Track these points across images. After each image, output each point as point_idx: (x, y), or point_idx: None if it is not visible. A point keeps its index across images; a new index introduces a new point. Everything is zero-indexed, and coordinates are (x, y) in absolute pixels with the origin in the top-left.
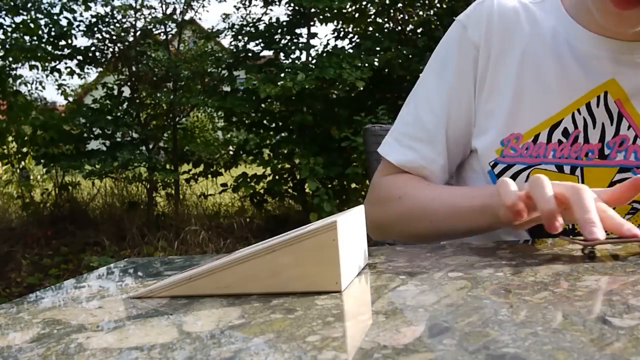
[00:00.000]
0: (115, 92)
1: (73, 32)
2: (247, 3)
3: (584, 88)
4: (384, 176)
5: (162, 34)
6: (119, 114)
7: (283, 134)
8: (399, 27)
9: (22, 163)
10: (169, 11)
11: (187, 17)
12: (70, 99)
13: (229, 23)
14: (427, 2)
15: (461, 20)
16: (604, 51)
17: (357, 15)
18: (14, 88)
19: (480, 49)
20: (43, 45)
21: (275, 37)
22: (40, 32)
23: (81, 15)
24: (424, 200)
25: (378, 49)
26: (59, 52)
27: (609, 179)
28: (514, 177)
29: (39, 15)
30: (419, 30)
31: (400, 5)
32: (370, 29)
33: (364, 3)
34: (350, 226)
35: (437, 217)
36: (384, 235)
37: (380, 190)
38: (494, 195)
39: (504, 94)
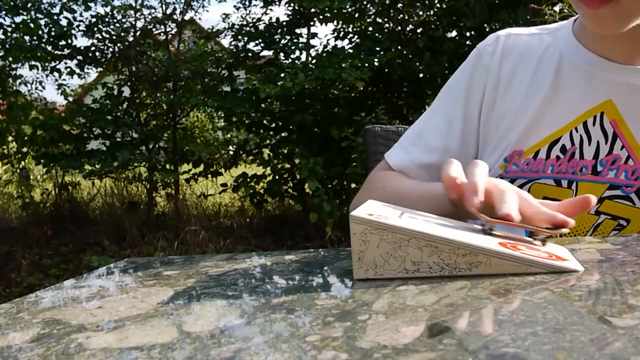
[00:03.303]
0: (115, 92)
1: (73, 32)
2: (247, 3)
3: (583, 107)
4: (377, 171)
5: (162, 34)
6: (118, 114)
7: (283, 134)
8: (399, 27)
9: (22, 163)
10: (168, 11)
11: (187, 17)
12: (70, 99)
13: (228, 23)
14: (427, 2)
15: (479, 47)
16: (602, 72)
17: (357, 15)
18: (14, 88)
19: (489, 74)
20: (43, 45)
21: (275, 37)
22: (40, 32)
23: (81, 15)
24: (402, 189)
25: (378, 49)
26: (59, 52)
27: (599, 194)
28: None
29: (39, 15)
30: (419, 30)
31: (400, 5)
32: (370, 29)
33: (364, 3)
34: None
35: (407, 204)
36: None
37: (369, 181)
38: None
39: (512, 117)
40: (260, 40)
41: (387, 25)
